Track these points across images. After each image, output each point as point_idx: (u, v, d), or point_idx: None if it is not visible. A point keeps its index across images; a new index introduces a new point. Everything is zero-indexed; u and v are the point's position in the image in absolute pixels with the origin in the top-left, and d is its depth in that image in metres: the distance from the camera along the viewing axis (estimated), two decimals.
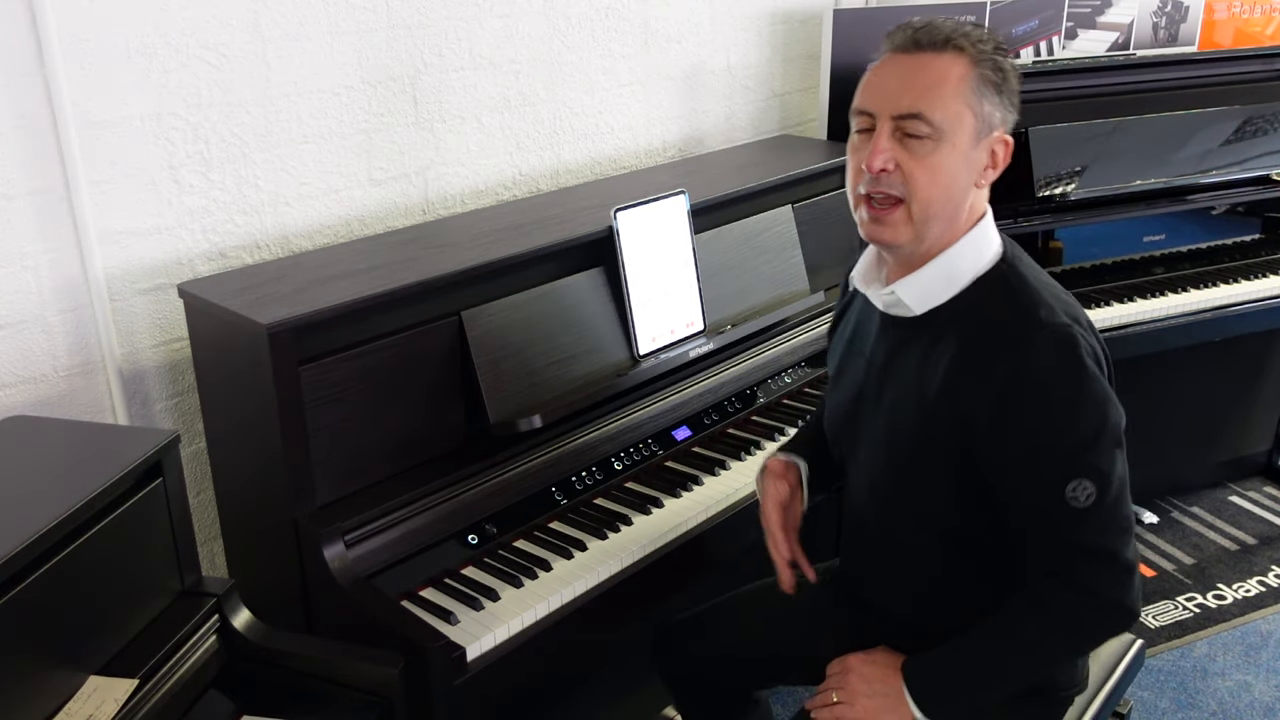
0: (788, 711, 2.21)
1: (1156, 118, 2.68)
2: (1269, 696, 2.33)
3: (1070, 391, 1.25)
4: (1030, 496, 1.28)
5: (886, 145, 1.28)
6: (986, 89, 1.28)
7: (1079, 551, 1.28)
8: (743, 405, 2.11)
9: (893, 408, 1.39)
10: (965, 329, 1.32)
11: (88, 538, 1.25)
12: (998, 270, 1.34)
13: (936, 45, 1.28)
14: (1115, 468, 1.28)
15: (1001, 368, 1.26)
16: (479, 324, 1.74)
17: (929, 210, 1.29)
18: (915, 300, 1.35)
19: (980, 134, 1.29)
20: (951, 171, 1.28)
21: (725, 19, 2.66)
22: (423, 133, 2.13)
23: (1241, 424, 3.11)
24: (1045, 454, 1.26)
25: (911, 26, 1.31)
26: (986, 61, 1.28)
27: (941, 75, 1.26)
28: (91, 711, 1.22)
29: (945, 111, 1.26)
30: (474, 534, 1.68)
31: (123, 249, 1.76)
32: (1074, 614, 1.30)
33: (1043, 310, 1.28)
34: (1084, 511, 1.25)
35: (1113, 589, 1.28)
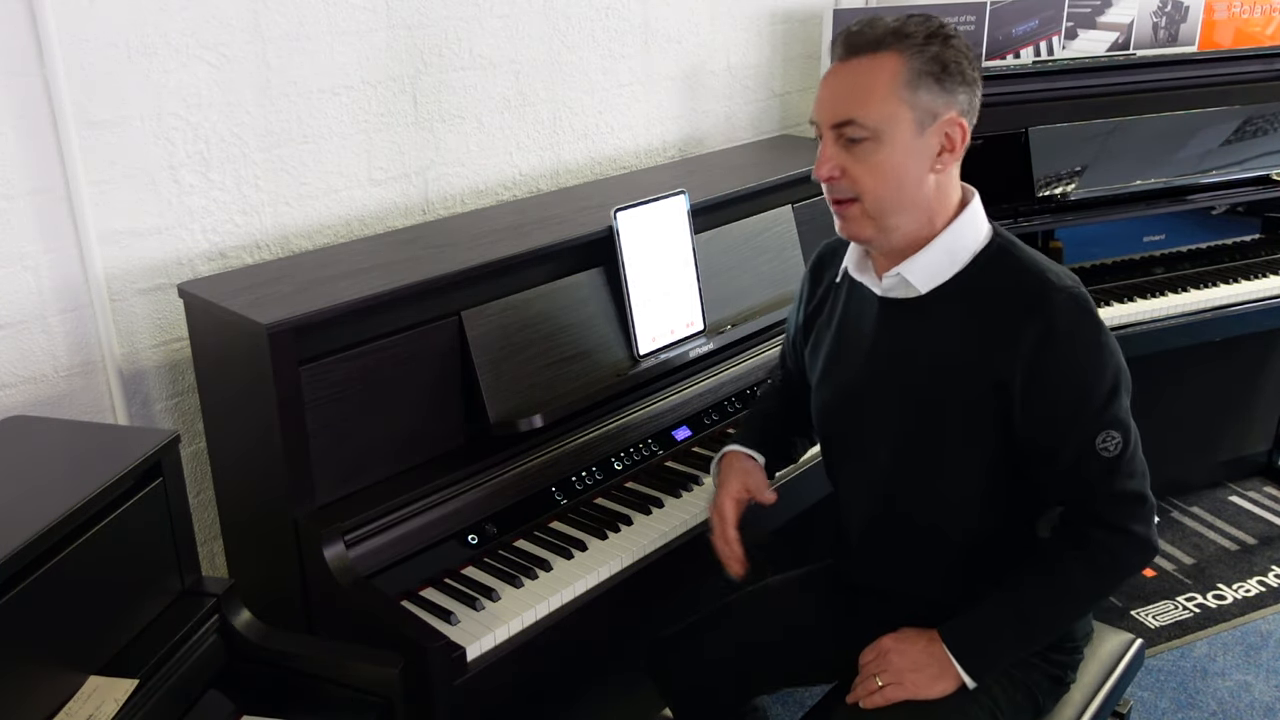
0: (788, 713, 2.21)
1: (1156, 118, 2.68)
2: (1269, 696, 2.33)
3: (1091, 348, 1.32)
4: (1066, 452, 1.34)
5: (831, 154, 1.34)
6: (923, 80, 1.30)
7: (1113, 497, 1.35)
8: (743, 405, 2.11)
9: (909, 390, 1.42)
10: (978, 301, 1.36)
11: (88, 538, 1.25)
12: (994, 244, 1.39)
13: (870, 47, 1.31)
14: (1130, 416, 1.36)
15: (1028, 332, 1.31)
16: (479, 324, 1.74)
17: (881, 205, 1.34)
18: (921, 280, 1.39)
19: (923, 124, 1.31)
20: (896, 167, 1.32)
21: (725, 19, 2.66)
22: (423, 133, 2.13)
23: (1241, 424, 3.11)
24: (1077, 411, 1.32)
25: (848, 32, 1.34)
26: (919, 54, 1.30)
27: (871, 78, 1.30)
28: (91, 711, 1.22)
29: (878, 113, 1.30)
30: (474, 534, 1.68)
31: (123, 249, 1.76)
32: (1111, 553, 1.36)
33: (1050, 275, 1.34)
34: (1114, 460, 1.33)
35: (1142, 526, 1.36)
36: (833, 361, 1.54)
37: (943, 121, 1.32)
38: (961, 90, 1.32)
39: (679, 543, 1.75)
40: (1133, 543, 1.36)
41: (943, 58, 1.31)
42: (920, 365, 1.41)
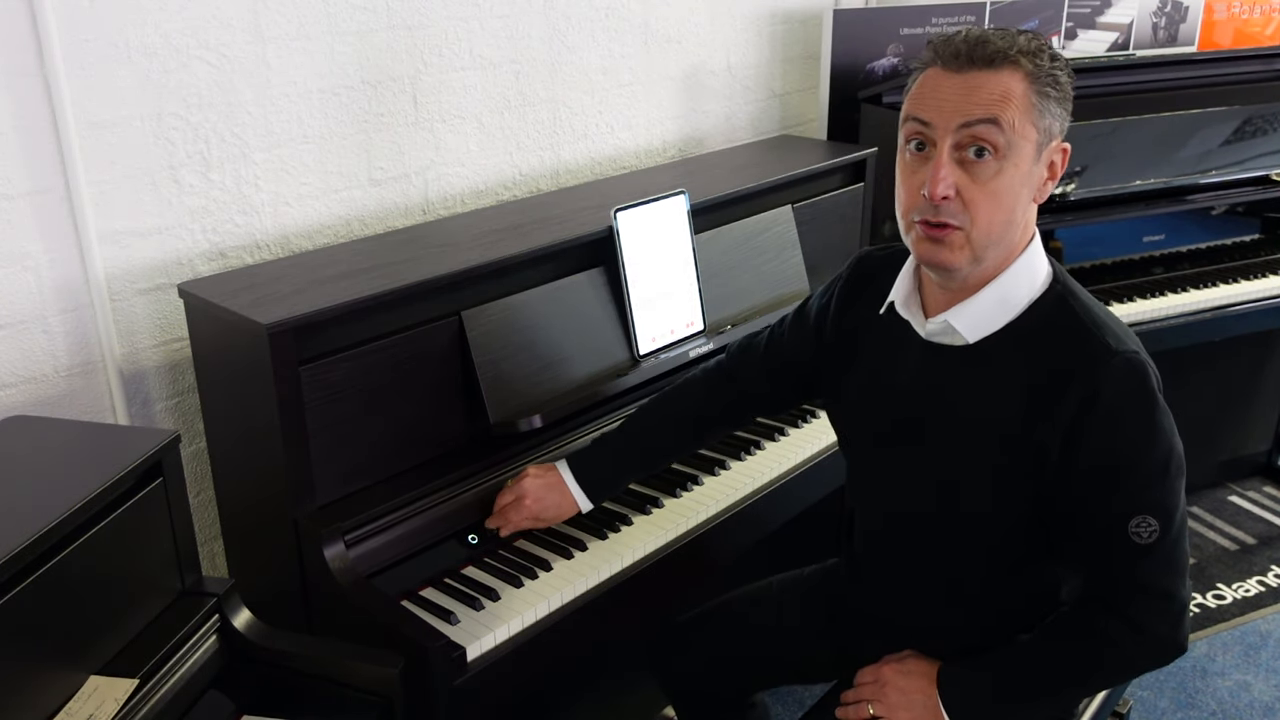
0: (788, 712, 2.21)
1: (1156, 118, 2.68)
2: (1268, 696, 2.33)
3: (1141, 423, 1.23)
4: (1093, 529, 1.27)
5: (948, 170, 1.20)
6: (1047, 103, 1.22)
7: (1137, 588, 1.26)
8: None
9: (944, 438, 1.34)
10: (1029, 357, 1.27)
11: (88, 537, 1.25)
12: (1053, 293, 1.29)
13: (993, 61, 1.20)
14: (1179, 503, 1.26)
15: (1073, 396, 1.23)
16: (479, 324, 1.74)
17: (989, 235, 1.23)
18: (969, 329, 1.30)
19: (1040, 148, 1.23)
20: (1014, 193, 1.22)
21: (725, 19, 2.66)
22: (423, 133, 2.13)
23: (1241, 424, 3.11)
24: (1113, 487, 1.24)
25: (962, 40, 1.23)
26: (1046, 70, 1.22)
27: (1003, 92, 1.19)
28: (91, 711, 1.22)
29: (1012, 129, 1.19)
30: (474, 534, 1.68)
31: (123, 249, 1.76)
32: (1123, 646, 1.28)
33: (1110, 338, 1.24)
34: (1146, 548, 1.24)
35: (1164, 626, 1.27)
36: (863, 396, 1.45)
37: (1053, 146, 1.25)
38: (1068, 114, 1.25)
39: (679, 543, 1.75)
40: (1149, 644, 1.27)
41: (1060, 79, 1.23)
42: (957, 416, 1.33)
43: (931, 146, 1.23)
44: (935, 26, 2.79)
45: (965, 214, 1.22)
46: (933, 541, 1.43)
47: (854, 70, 2.75)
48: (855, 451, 1.51)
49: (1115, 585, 1.27)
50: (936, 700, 1.35)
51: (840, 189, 2.45)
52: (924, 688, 1.36)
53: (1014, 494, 1.31)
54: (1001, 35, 1.23)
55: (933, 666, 1.38)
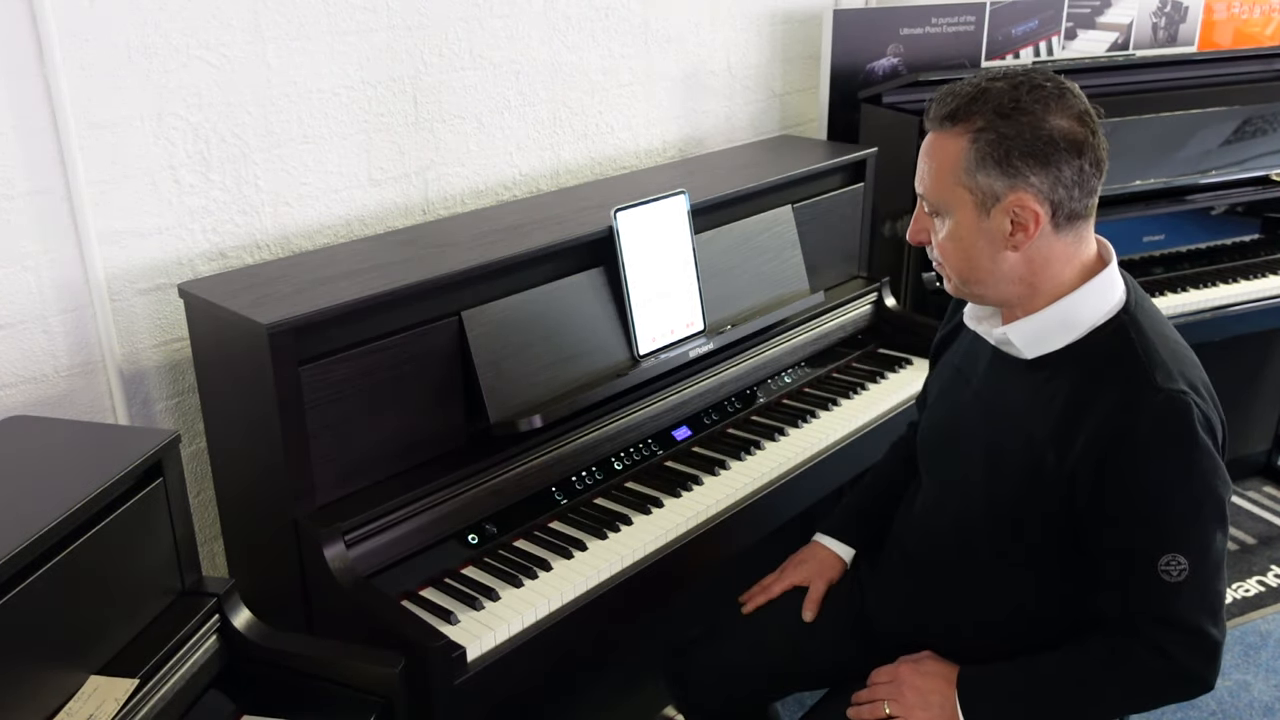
0: (788, 712, 2.20)
1: (1156, 118, 2.68)
2: (1268, 696, 2.33)
3: (1176, 463, 1.23)
4: (1123, 563, 1.27)
5: (917, 217, 1.38)
6: (985, 163, 1.25)
7: (1166, 624, 1.26)
8: (743, 405, 2.11)
9: (994, 443, 1.38)
10: (1078, 380, 1.29)
11: (88, 538, 1.25)
12: (1118, 320, 1.31)
13: (950, 119, 1.29)
14: (1214, 544, 1.25)
15: (1108, 428, 1.24)
16: (479, 324, 1.74)
17: (961, 275, 1.35)
18: (1025, 344, 1.35)
19: (985, 206, 1.28)
20: (965, 243, 1.32)
21: (725, 19, 2.66)
22: (423, 133, 2.13)
23: (1241, 424, 3.10)
24: (1143, 523, 1.25)
25: (938, 100, 1.32)
26: (981, 135, 1.25)
27: (940, 158, 1.31)
28: (91, 711, 1.22)
29: (940, 194, 1.31)
30: (474, 534, 1.68)
31: (123, 249, 1.76)
32: (1149, 677, 1.29)
33: (1159, 373, 1.24)
34: (1176, 585, 1.24)
35: (1195, 662, 1.27)
36: (943, 390, 1.54)
37: (1007, 203, 1.26)
38: (1033, 171, 1.24)
39: (679, 543, 1.75)
40: (1178, 675, 1.27)
41: (1007, 139, 1.24)
42: (1012, 425, 1.35)
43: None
44: (935, 27, 2.79)
45: (935, 254, 1.38)
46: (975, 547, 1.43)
47: (854, 70, 2.75)
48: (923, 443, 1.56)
49: (1145, 618, 1.27)
50: (954, 702, 1.34)
51: (840, 189, 2.45)
52: (942, 688, 1.36)
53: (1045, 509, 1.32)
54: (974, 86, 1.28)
55: (951, 669, 1.38)
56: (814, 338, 2.28)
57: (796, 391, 2.20)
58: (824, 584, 1.64)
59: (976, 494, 1.40)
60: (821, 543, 1.69)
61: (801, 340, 2.26)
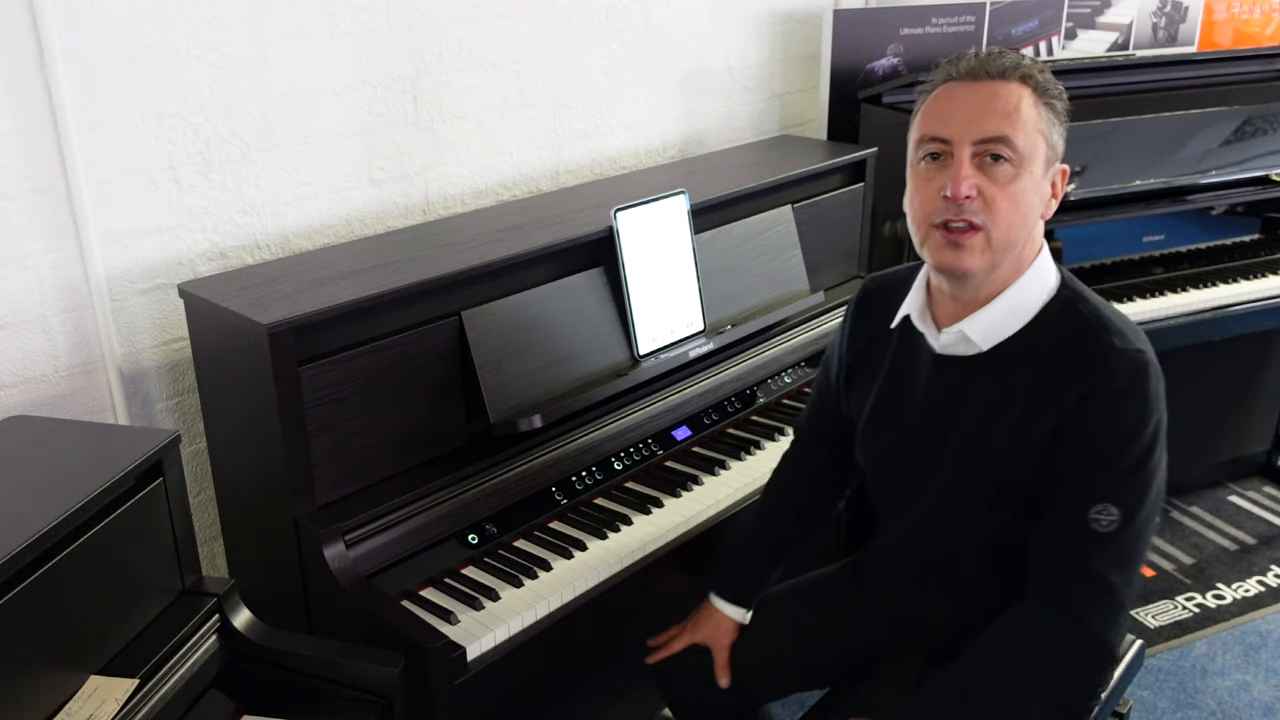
0: (788, 712, 2.21)
1: (1156, 118, 2.68)
2: (1268, 696, 2.33)
3: (1130, 418, 1.25)
4: (1058, 508, 1.29)
5: (970, 172, 1.25)
6: (1054, 118, 1.28)
7: (1080, 575, 1.26)
8: (743, 405, 2.11)
9: (961, 449, 1.37)
10: (1038, 361, 1.30)
11: (88, 538, 1.26)
12: (1061, 297, 1.33)
13: (1004, 74, 1.27)
14: (1145, 505, 1.27)
15: (1074, 392, 1.26)
16: (479, 324, 1.74)
17: (1008, 237, 1.27)
18: (982, 336, 1.33)
19: (1049, 163, 1.29)
20: (1029, 199, 1.27)
21: (725, 19, 2.66)
22: (423, 133, 2.13)
23: (1241, 424, 3.11)
24: (1087, 471, 1.27)
25: (974, 56, 1.30)
26: (1051, 91, 1.29)
27: (1016, 102, 1.26)
28: (92, 711, 1.22)
29: (1027, 138, 1.25)
30: (474, 534, 1.68)
31: (123, 249, 1.76)
32: (1054, 645, 1.28)
33: (1115, 337, 1.27)
34: (1102, 537, 1.25)
35: (1097, 616, 1.26)
36: (881, 410, 1.48)
37: (1057, 166, 1.31)
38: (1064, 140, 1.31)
39: (679, 543, 1.75)
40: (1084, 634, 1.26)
41: (1063, 101, 1.30)
42: (974, 424, 1.35)
43: (948, 157, 1.27)
44: (935, 27, 2.79)
45: (986, 213, 1.25)
46: (952, 544, 1.44)
47: (854, 70, 2.75)
48: (877, 463, 1.52)
49: (1059, 567, 1.28)
50: None
51: (840, 189, 2.45)
52: None
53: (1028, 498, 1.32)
54: (1009, 54, 1.30)
55: None
56: (814, 338, 2.28)
57: (796, 391, 2.20)
58: (725, 650, 1.62)
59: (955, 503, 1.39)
60: (717, 606, 1.65)
61: (802, 340, 2.26)
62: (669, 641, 1.68)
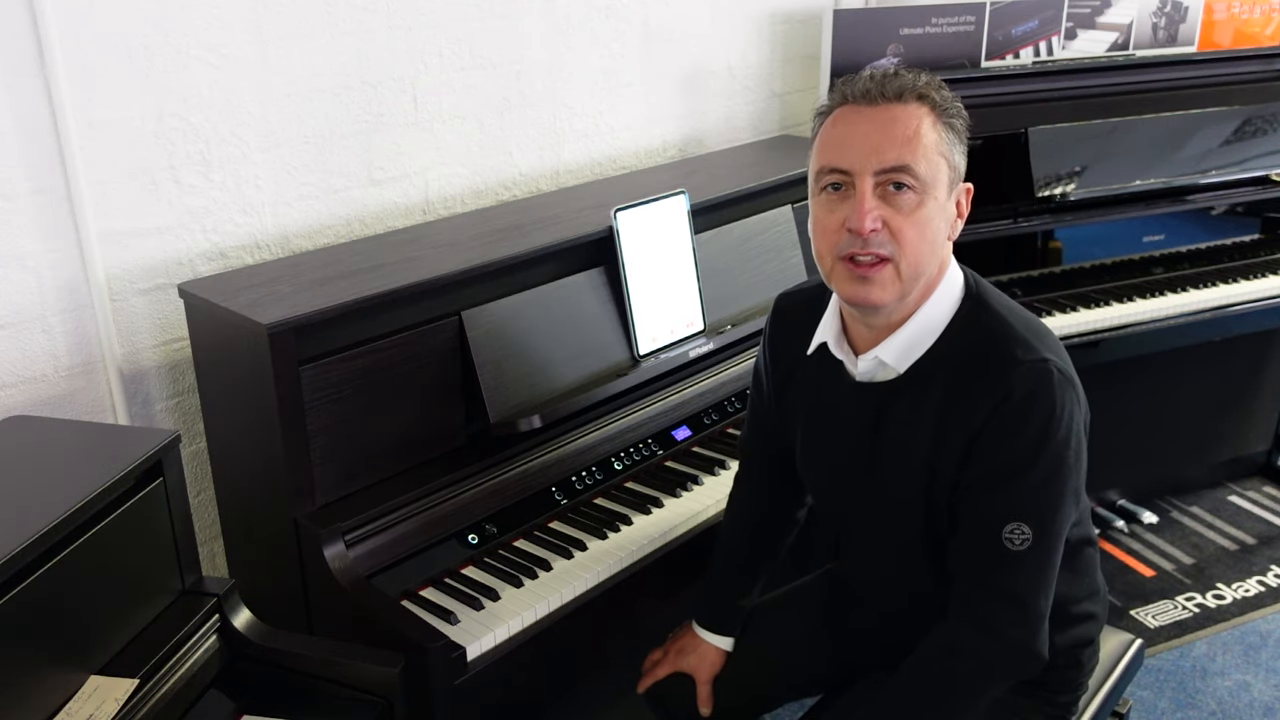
0: (788, 712, 2.21)
1: (1156, 118, 2.67)
2: (1268, 696, 2.33)
3: (1035, 430, 1.23)
4: (970, 529, 1.28)
5: (873, 203, 1.22)
6: (953, 137, 1.26)
7: (996, 594, 1.27)
8: (743, 405, 2.11)
9: (893, 470, 1.36)
10: (946, 375, 1.29)
11: (88, 537, 1.26)
12: (965, 308, 1.31)
13: (900, 95, 1.24)
14: (1059, 518, 1.26)
15: (982, 405, 1.25)
16: (479, 324, 1.74)
17: (917, 267, 1.25)
18: (898, 359, 1.31)
19: (953, 184, 1.27)
20: (935, 224, 1.24)
21: (725, 19, 2.66)
22: (423, 133, 2.13)
23: (1241, 424, 3.10)
24: (995, 490, 1.26)
25: (869, 79, 1.26)
26: (950, 110, 1.26)
27: (916, 126, 1.22)
28: (92, 711, 1.22)
29: (928, 163, 1.22)
30: (474, 534, 1.68)
31: (123, 249, 1.76)
32: (980, 659, 1.29)
33: (1018, 348, 1.25)
34: (1015, 555, 1.25)
35: (1015, 630, 1.27)
36: (812, 436, 1.46)
37: (961, 186, 1.29)
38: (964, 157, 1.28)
39: (679, 543, 1.75)
40: (1002, 648, 1.27)
41: (962, 122, 1.27)
42: (900, 443, 1.34)
43: (850, 187, 1.24)
44: (935, 27, 2.79)
45: (894, 244, 1.23)
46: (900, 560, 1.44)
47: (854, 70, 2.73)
48: (814, 486, 1.53)
49: (974, 587, 1.28)
50: None
51: None
52: None
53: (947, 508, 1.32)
54: (907, 72, 1.27)
55: None
56: None
57: None
58: (708, 680, 1.59)
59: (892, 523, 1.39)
60: (701, 636, 1.61)
61: None
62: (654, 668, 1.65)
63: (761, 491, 1.63)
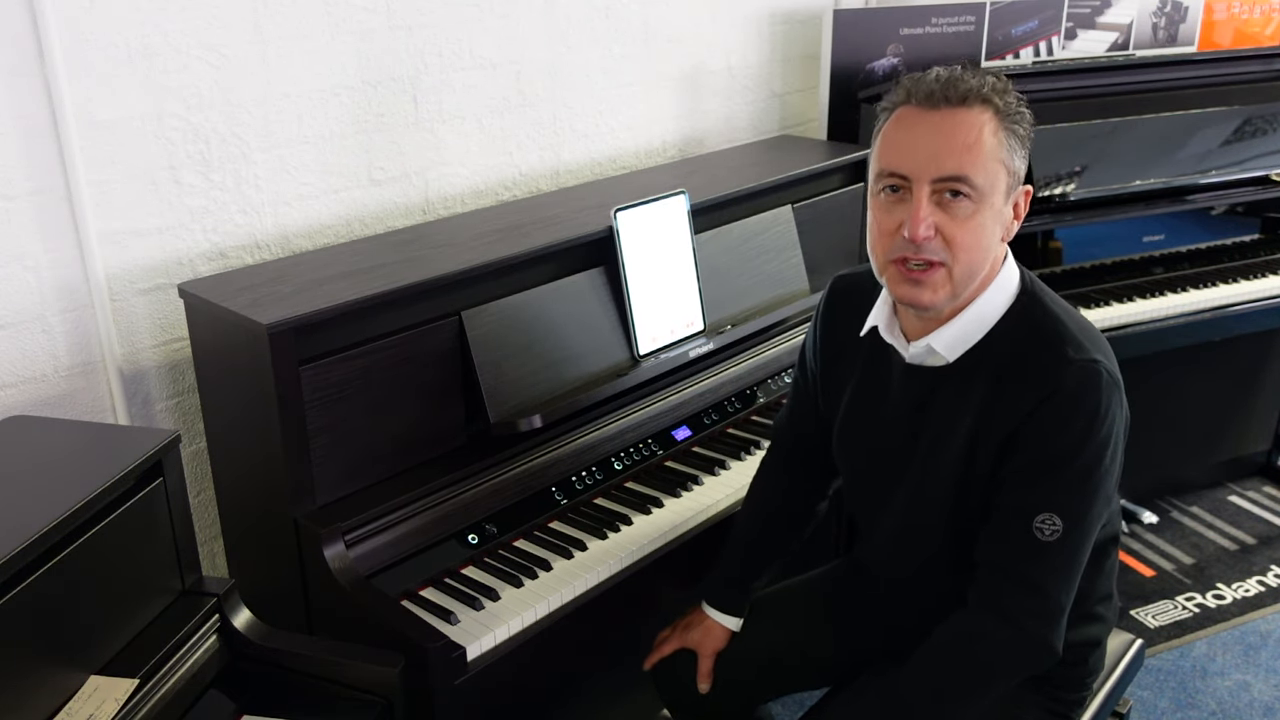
0: (788, 712, 2.21)
1: (1156, 118, 2.68)
2: (1268, 696, 2.33)
3: (1080, 428, 1.26)
4: (1002, 515, 1.30)
5: (929, 210, 1.24)
6: (1014, 142, 1.26)
7: (1016, 581, 1.29)
8: (743, 405, 2.11)
9: (931, 454, 1.38)
10: (996, 368, 1.32)
11: (88, 538, 1.26)
12: (1020, 304, 1.34)
13: (965, 99, 1.24)
14: (1090, 515, 1.28)
15: (1028, 400, 1.28)
16: (479, 324, 1.74)
17: (970, 271, 1.27)
18: (949, 349, 1.34)
19: (1010, 189, 1.28)
20: (989, 230, 1.27)
21: (725, 19, 2.66)
22: (423, 133, 2.13)
23: (1241, 424, 3.10)
24: (1034, 480, 1.28)
25: (935, 80, 1.26)
26: (1013, 115, 1.27)
27: (977, 134, 1.23)
28: (92, 711, 1.22)
29: (985, 173, 1.23)
30: (474, 534, 1.68)
31: (123, 249, 1.76)
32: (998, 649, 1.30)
33: (1070, 347, 1.28)
34: (1042, 546, 1.27)
35: (1033, 621, 1.29)
36: (855, 415, 1.49)
37: (1020, 189, 1.30)
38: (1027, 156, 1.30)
39: (679, 543, 1.75)
40: (1019, 639, 1.29)
41: (1026, 122, 1.28)
42: (943, 431, 1.37)
43: (907, 191, 1.26)
44: (935, 27, 2.79)
45: (946, 250, 1.26)
46: (928, 548, 1.45)
47: (854, 70, 2.75)
48: (851, 468, 1.54)
49: (998, 576, 1.30)
50: None
51: (840, 189, 2.45)
52: None
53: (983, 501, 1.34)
54: (971, 75, 1.27)
55: None
56: None
57: None
58: (711, 656, 1.60)
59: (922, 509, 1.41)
60: (708, 614, 1.63)
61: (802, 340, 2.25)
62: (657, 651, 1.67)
63: (785, 478, 1.66)
